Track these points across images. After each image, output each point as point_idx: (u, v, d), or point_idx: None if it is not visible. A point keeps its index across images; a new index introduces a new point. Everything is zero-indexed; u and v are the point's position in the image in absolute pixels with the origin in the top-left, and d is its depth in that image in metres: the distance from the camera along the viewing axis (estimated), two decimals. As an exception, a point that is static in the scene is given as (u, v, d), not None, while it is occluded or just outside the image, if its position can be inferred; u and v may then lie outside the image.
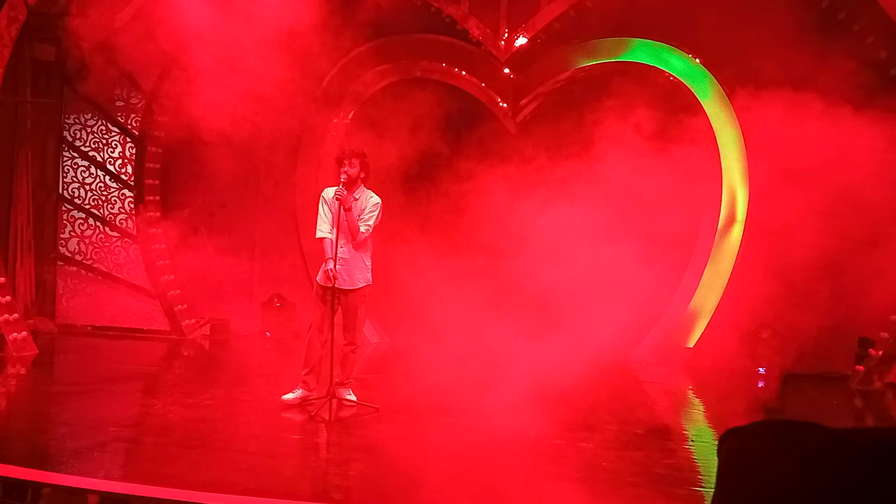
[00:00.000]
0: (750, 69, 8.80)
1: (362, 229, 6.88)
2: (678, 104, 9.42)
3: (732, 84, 9.21)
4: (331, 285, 6.83)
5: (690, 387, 9.07)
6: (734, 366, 8.71)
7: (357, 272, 6.98)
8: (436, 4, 9.86)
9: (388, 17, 9.65)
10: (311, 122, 10.41)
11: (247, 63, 8.48)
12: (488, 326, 8.99)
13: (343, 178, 6.85)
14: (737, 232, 9.45)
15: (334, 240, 6.79)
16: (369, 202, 6.96)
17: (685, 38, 9.48)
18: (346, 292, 6.97)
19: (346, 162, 6.91)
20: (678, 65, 9.60)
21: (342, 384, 7.11)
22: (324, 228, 6.94)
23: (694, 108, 9.50)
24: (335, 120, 10.54)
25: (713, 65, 9.43)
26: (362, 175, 6.99)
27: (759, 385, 8.98)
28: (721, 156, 9.51)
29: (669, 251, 9.01)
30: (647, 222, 8.81)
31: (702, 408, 8.35)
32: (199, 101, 8.24)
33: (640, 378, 9.30)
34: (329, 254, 6.84)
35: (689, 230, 9.58)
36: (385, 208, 7.06)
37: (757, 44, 8.68)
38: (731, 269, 9.40)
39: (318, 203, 7.13)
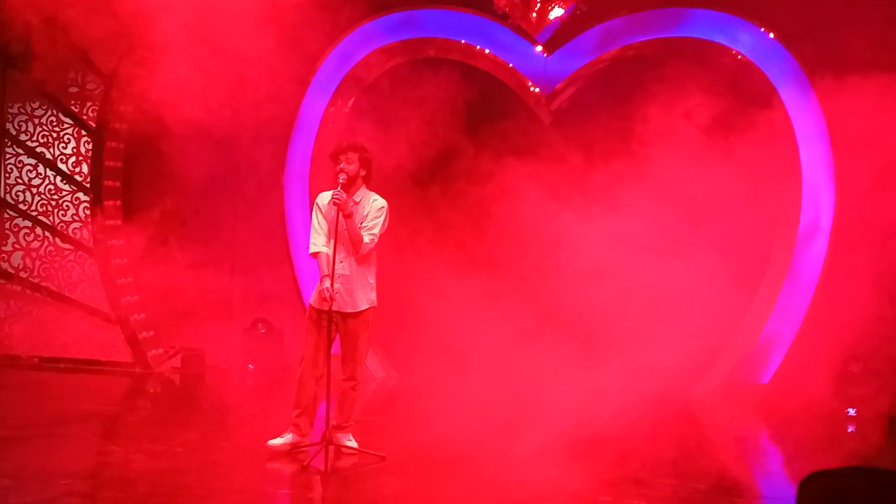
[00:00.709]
0: (836, 47, 8.79)
1: (366, 239, 6.90)
2: (747, 89, 9.42)
3: (814, 65, 9.19)
4: (327, 308, 6.86)
5: (764, 432, 9.03)
6: (817, 407, 8.67)
7: (359, 292, 7.00)
8: (454, -30, 9.94)
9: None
10: (302, 111, 10.47)
11: (226, 40, 8.55)
12: (517, 357, 9.01)
13: (341, 178, 6.88)
14: (821, 243, 9.42)
15: (331, 254, 6.82)
16: (373, 206, 6.99)
17: (757, 9, 9.48)
18: (345, 316, 6.99)
19: (342, 158, 6.94)
20: (748, 41, 9.61)
21: (340, 428, 7.12)
22: (318, 242, 6.97)
23: (767, 93, 9.49)
24: (332, 109, 10.59)
25: (791, 41, 9.42)
26: (363, 173, 7.02)
27: (849, 430, 8.93)
28: (800, 151, 9.49)
29: (738, 267, 8.99)
30: (710, 232, 8.81)
31: (778, 458, 8.31)
32: (169, 86, 8.31)
33: (703, 421, 9.27)
34: (325, 271, 6.87)
35: (761, 241, 9.58)
36: (392, 213, 7.09)
37: (844, 16, 8.68)
38: (813, 289, 9.37)
39: (311, 210, 7.17)
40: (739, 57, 9.61)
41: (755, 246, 9.43)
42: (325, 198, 7.03)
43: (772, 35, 9.45)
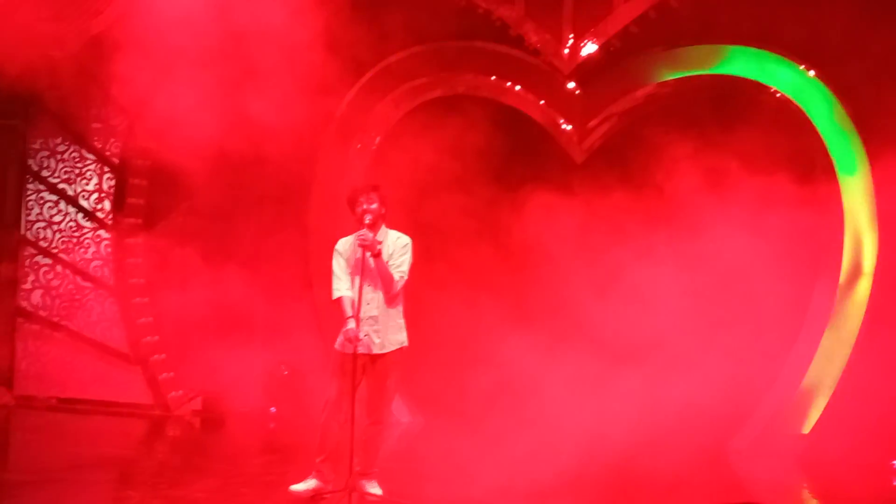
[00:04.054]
0: (880, 81, 8.79)
1: (396, 277, 6.96)
2: (786, 127, 9.41)
3: (856, 101, 9.20)
4: (353, 351, 6.89)
5: (805, 485, 8.95)
6: (860, 459, 8.59)
7: (390, 333, 7.03)
8: (484, 5, 9.98)
9: (424, 20, 9.82)
10: (327, 150, 10.57)
11: (250, 79, 8.69)
12: (547, 403, 9.00)
13: (367, 219, 6.93)
14: (863, 287, 9.35)
15: (356, 297, 6.87)
16: (397, 244, 7.04)
17: (796, 44, 9.50)
18: (374, 358, 7.01)
19: (363, 200, 6.99)
20: (787, 78, 9.61)
21: (365, 474, 7.14)
22: (341, 287, 7.01)
23: (806, 131, 9.48)
24: (358, 145, 10.68)
25: (832, 77, 9.43)
26: (383, 211, 7.10)
27: (895, 483, 8.85)
28: (842, 192, 9.46)
29: (777, 312, 8.96)
30: (748, 276, 8.79)
31: (819, 512, 8.25)
32: (193, 123, 8.43)
33: (740, 472, 9.20)
34: (349, 313, 6.92)
35: (802, 286, 9.52)
36: (418, 252, 7.11)
37: (887, 53, 8.69)
38: (855, 335, 9.29)
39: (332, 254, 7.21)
40: (778, 95, 9.61)
41: (795, 290, 9.37)
42: (345, 243, 7.08)
43: (812, 73, 9.47)
